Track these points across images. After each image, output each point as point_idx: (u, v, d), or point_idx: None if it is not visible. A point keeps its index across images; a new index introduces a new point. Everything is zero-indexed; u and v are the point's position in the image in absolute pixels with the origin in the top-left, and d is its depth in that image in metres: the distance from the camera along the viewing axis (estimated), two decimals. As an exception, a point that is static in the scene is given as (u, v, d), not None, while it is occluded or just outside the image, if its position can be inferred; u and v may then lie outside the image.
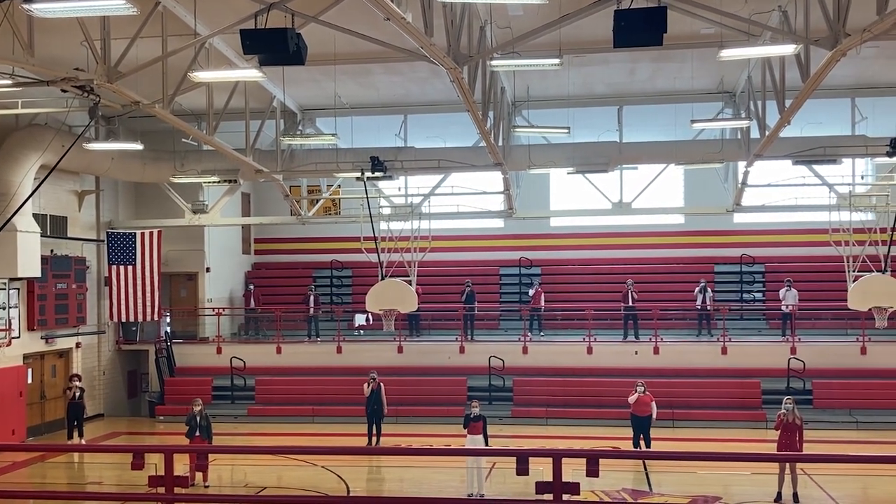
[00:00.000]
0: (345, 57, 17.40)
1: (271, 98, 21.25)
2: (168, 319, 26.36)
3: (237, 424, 22.45)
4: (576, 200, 27.29)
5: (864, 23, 12.77)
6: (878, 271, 20.36)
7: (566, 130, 20.23)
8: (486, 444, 16.05)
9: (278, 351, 24.89)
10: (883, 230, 20.84)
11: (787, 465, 14.86)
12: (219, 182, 23.10)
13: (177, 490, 7.29)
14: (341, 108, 21.66)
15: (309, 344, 25.58)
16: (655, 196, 26.00)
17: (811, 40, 14.05)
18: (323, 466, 17.27)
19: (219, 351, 24.98)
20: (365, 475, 17.83)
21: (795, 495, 14.78)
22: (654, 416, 18.47)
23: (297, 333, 26.38)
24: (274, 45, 11.72)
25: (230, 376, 24.11)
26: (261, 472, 17.25)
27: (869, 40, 13.23)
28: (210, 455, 16.27)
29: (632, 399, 18.43)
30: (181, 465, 11.62)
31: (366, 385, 20.02)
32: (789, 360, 22.41)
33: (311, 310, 26.21)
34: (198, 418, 16.60)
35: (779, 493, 14.80)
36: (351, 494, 15.65)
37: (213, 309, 26.23)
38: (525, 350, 23.83)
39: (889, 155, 19.65)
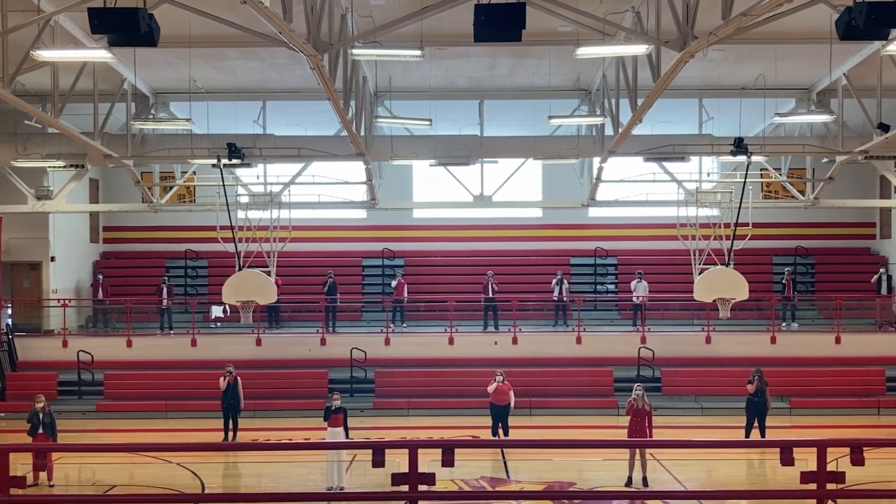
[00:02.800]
0: (200, 40, 16.85)
1: (122, 80, 20.35)
2: (9, 311, 24.89)
3: (85, 421, 21.46)
4: (438, 192, 27.46)
5: (711, 26, 13.37)
6: (721, 264, 21.45)
7: (428, 122, 20.32)
8: (347, 437, 15.94)
9: (129, 344, 23.91)
10: (727, 225, 21.95)
11: (637, 450, 15.43)
12: (65, 167, 22.00)
13: (13, 491, 6.86)
14: (196, 92, 21.03)
15: (162, 337, 24.76)
16: (515, 190, 26.51)
17: (662, 41, 14.60)
18: (177, 463, 16.72)
19: (65, 344, 23.78)
20: (221, 471, 17.39)
21: (645, 479, 15.34)
22: (513, 404, 18.83)
23: (150, 326, 25.46)
24: (124, 25, 11.16)
25: (77, 371, 22.97)
26: (110, 470, 16.56)
27: (715, 43, 13.86)
28: (56, 453, 15.52)
29: (491, 388, 18.72)
30: (23, 465, 10.97)
31: (222, 379, 19.51)
32: (639, 349, 23.31)
33: (164, 301, 25.36)
34: (40, 415, 15.92)
35: (629, 478, 15.34)
36: (206, 491, 15.23)
37: (59, 300, 24.96)
38: (387, 341, 23.83)
39: (733, 154, 20.64)
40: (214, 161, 20.67)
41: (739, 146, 20.37)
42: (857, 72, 20.41)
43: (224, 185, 21.19)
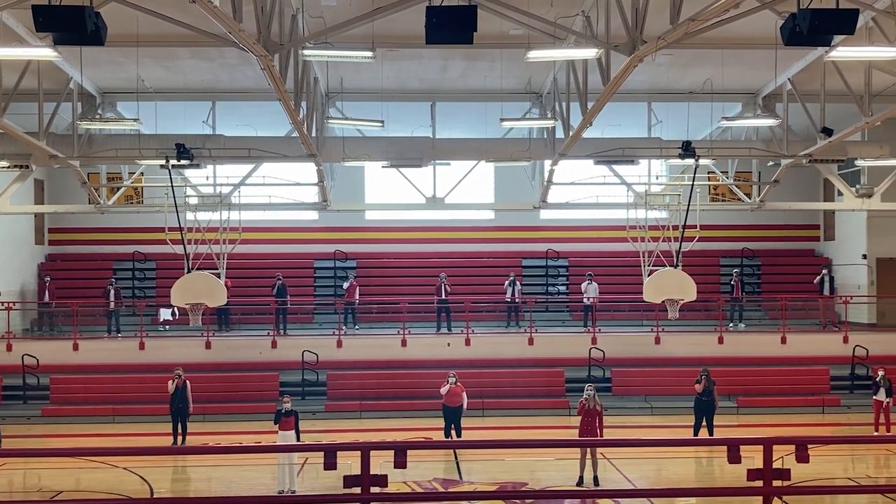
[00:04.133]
0: (149, 39, 16.62)
1: (68, 79, 19.98)
2: (-51, 315, 24.27)
3: (30, 426, 21.00)
4: (390, 194, 27.42)
5: (660, 31, 13.56)
6: (670, 266, 21.75)
7: (380, 124, 20.30)
8: (298, 440, 15.84)
9: (75, 348, 23.45)
10: (675, 227, 22.27)
11: (588, 449, 15.56)
12: (8, 167, 21.54)
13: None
14: (145, 92, 20.72)
15: (109, 340, 24.36)
16: (467, 192, 26.61)
17: (611, 46, 14.77)
18: (125, 468, 16.45)
19: (9, 348, 23.22)
20: (170, 476, 17.14)
21: (596, 478, 15.48)
22: (465, 406, 18.88)
23: (96, 329, 25.01)
24: (70, 24, 10.97)
25: (22, 375, 22.45)
26: (56, 476, 16.21)
27: (663, 48, 14.08)
28: (0, 459, 15.15)
29: (444, 390, 18.74)
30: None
31: (170, 382, 19.24)
32: (590, 349, 23.52)
33: (112, 304, 24.92)
34: (-18, 422, 15.46)
35: (580, 477, 15.46)
36: (155, 496, 15.01)
37: (2, 303, 24.37)
38: (339, 344, 23.71)
39: (681, 157, 20.98)
40: (163, 162, 20.43)
41: (687, 149, 20.71)
42: (802, 77, 20.88)
43: (172, 186, 20.92)
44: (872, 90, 18.98)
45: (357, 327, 25.66)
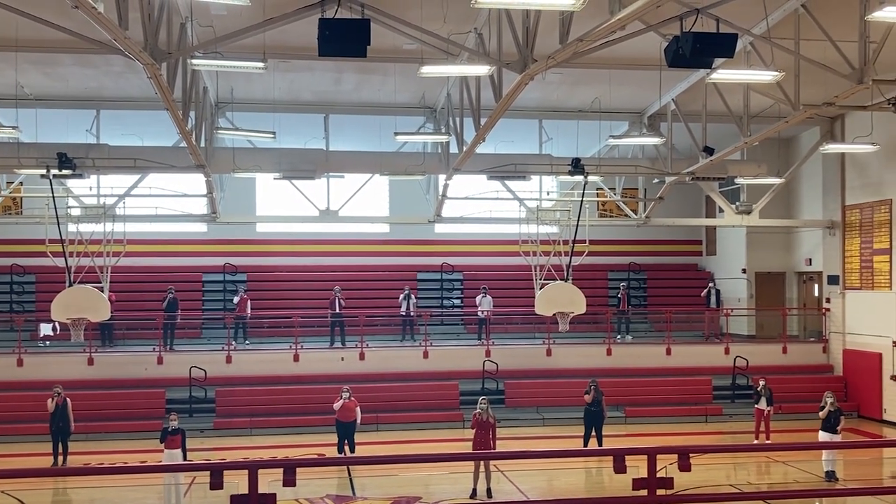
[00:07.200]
0: (29, 44, 16.03)
1: (-60, 84, 19.02)
2: None
3: None
4: (283, 206, 27.06)
5: (550, 50, 13.85)
6: (561, 280, 22.18)
7: (272, 135, 20.03)
8: (185, 459, 15.41)
9: (-54, 366, 22.23)
10: (565, 242, 22.74)
11: (482, 461, 15.67)
12: None
13: None
14: (25, 98, 19.96)
15: (-16, 357, 23.12)
16: (362, 205, 26.51)
17: (503, 63, 15.00)
18: (2, 491, 15.64)
19: None
20: (50, 498, 16.41)
21: (489, 490, 15.58)
22: (359, 420, 18.75)
23: (-29, 346, 23.75)
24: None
25: None
26: (-79, 504, 15.30)
27: (553, 66, 14.39)
28: None
29: (337, 405, 18.57)
30: None
31: (50, 400, 18.47)
32: (484, 362, 23.71)
33: (-13, 320, 23.72)
34: None
35: (474, 490, 15.54)
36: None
37: None
38: (229, 359, 23.18)
39: (571, 173, 21.47)
40: (43, 171, 19.68)
41: (577, 166, 21.22)
42: (685, 98, 21.69)
43: (54, 197, 20.18)
44: (751, 111, 19.83)
45: (248, 342, 25.16)
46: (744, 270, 28.10)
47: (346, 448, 18.53)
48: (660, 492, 6.67)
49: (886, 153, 22.32)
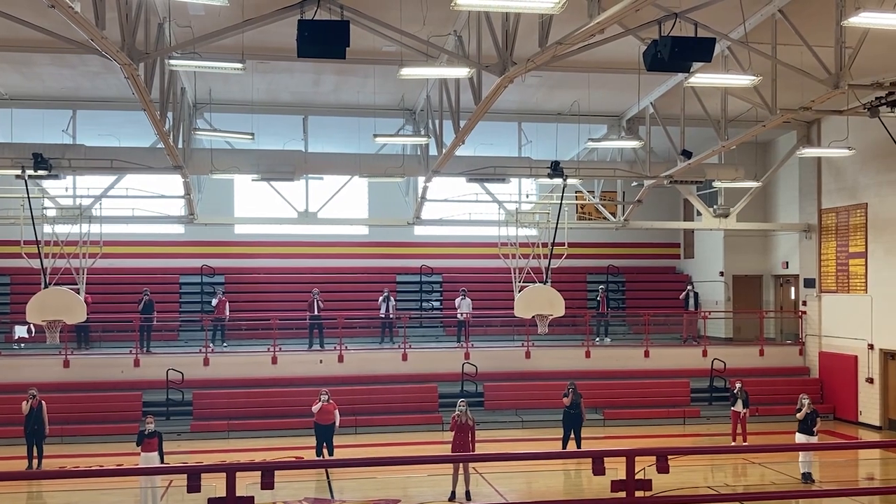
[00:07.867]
0: (4, 43, 15.88)
1: (-87, 83, 18.78)
2: None
3: None
4: (261, 208, 26.94)
5: (530, 53, 13.88)
6: (540, 282, 22.21)
7: (251, 136, 19.93)
8: (162, 462, 15.31)
9: (-81, 369, 21.95)
10: (545, 245, 22.78)
11: (461, 464, 15.66)
12: None
13: None
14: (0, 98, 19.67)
15: (-43, 360, 22.84)
16: (341, 207, 26.43)
17: (482, 66, 15.01)
18: (-28, 497, 15.48)
19: None
20: (24, 502, 16.23)
21: (468, 493, 15.57)
22: (338, 423, 18.69)
23: (-56, 349, 23.48)
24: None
25: None
26: None
27: (532, 69, 14.42)
28: None
29: (315, 408, 18.50)
30: None
31: (24, 403, 18.29)
32: (463, 364, 23.70)
33: (-39, 322, 23.46)
34: None
35: (453, 492, 15.53)
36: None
37: None
38: (206, 362, 23.04)
39: (550, 176, 21.52)
40: (18, 172, 19.52)
41: (556, 169, 21.29)
42: (663, 101, 21.81)
43: (29, 198, 19.98)
44: (728, 115, 19.97)
45: (225, 344, 25.01)
46: (721, 273, 28.27)
47: (325, 451, 18.45)
48: (638, 493, 6.69)
49: (862, 157, 22.54)
